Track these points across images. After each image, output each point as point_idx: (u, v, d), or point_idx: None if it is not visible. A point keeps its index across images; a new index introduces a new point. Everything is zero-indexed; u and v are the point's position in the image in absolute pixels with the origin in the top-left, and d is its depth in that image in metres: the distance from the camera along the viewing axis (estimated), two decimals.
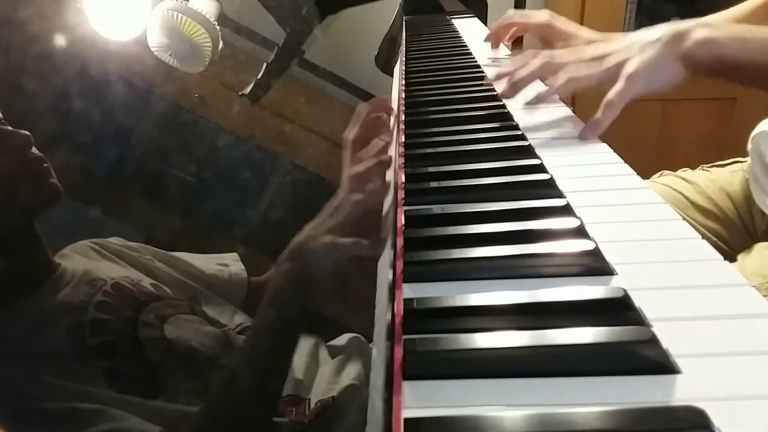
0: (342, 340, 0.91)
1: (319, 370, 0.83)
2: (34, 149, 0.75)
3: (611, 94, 0.58)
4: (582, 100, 1.75)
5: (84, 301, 0.74)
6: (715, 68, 0.57)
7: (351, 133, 0.76)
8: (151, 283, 0.84)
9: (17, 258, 0.75)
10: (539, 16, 0.98)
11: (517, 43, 1.02)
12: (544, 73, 0.66)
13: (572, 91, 0.63)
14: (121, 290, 0.79)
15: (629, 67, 0.58)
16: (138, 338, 0.74)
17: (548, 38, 0.96)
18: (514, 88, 0.68)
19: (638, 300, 0.31)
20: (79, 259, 0.83)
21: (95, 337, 0.71)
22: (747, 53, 0.56)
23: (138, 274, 0.85)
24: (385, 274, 0.41)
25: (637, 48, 0.59)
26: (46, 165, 0.76)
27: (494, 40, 0.99)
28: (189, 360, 0.75)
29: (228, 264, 0.97)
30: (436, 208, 0.44)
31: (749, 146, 0.87)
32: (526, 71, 0.66)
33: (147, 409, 0.66)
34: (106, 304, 0.75)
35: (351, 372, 0.81)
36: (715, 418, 0.24)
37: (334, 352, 0.88)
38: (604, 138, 0.57)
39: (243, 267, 0.98)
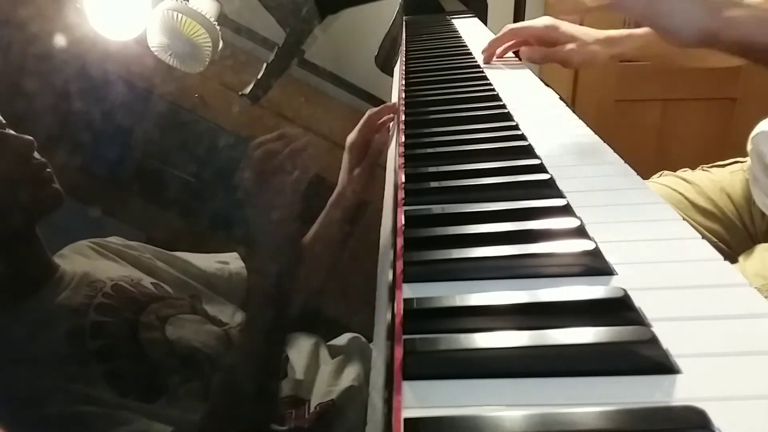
0: (342, 339, 0.91)
1: (319, 371, 0.83)
2: (36, 154, 0.76)
3: None
4: (582, 101, 1.75)
5: (84, 303, 0.74)
6: (732, 47, 0.62)
7: (352, 138, 0.76)
8: (151, 282, 0.84)
9: (16, 262, 0.75)
10: (540, 21, 0.96)
11: (516, 55, 0.99)
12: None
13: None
14: (120, 291, 0.79)
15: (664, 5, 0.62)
16: (139, 340, 0.74)
17: (555, 42, 0.93)
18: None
19: (638, 300, 0.31)
20: (78, 259, 0.83)
21: (96, 340, 0.71)
22: (763, 36, 0.60)
23: (138, 273, 0.85)
24: (385, 274, 0.41)
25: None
26: (48, 170, 0.76)
27: (488, 55, 0.95)
28: (191, 361, 0.75)
29: (228, 262, 0.97)
30: (436, 208, 0.44)
31: (749, 146, 0.87)
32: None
33: (148, 413, 0.66)
34: (106, 306, 0.75)
35: (351, 373, 0.81)
36: (715, 418, 0.24)
37: (334, 351, 0.88)
38: (604, 138, 0.57)
39: (243, 265, 0.97)
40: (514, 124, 0.62)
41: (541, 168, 0.50)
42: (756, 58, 0.64)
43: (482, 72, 0.85)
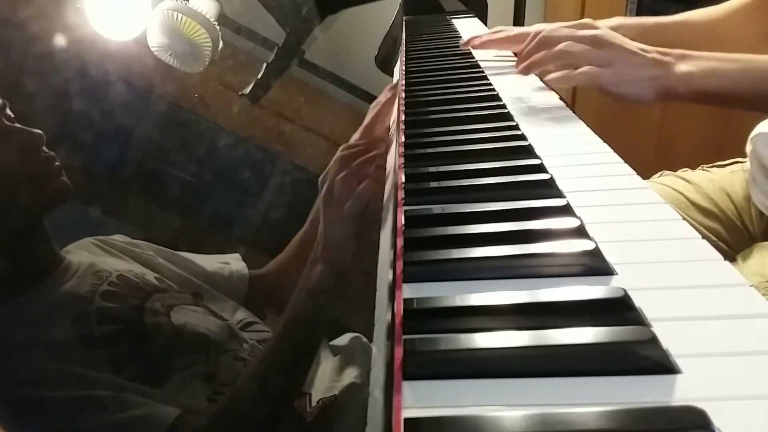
0: (344, 339, 0.91)
1: (321, 367, 0.83)
2: (45, 148, 0.76)
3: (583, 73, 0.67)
4: (582, 100, 1.75)
5: (90, 291, 0.75)
6: (692, 98, 0.65)
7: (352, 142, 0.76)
8: (155, 277, 0.84)
9: (25, 252, 0.75)
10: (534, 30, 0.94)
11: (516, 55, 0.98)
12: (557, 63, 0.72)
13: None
14: (126, 281, 0.79)
15: (608, 71, 0.66)
16: (145, 325, 0.74)
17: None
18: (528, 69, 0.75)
19: (638, 300, 0.31)
20: (83, 254, 0.83)
21: (102, 325, 0.71)
22: (722, 84, 0.63)
23: (141, 269, 0.85)
24: (385, 274, 0.41)
25: (628, 58, 0.66)
26: (57, 164, 0.76)
27: (467, 43, 0.95)
28: (197, 344, 0.75)
29: (229, 262, 0.98)
30: (436, 208, 0.44)
31: (748, 147, 0.87)
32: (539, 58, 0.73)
33: (155, 397, 0.66)
34: (111, 294, 0.76)
35: (353, 371, 0.81)
36: (715, 418, 0.24)
37: (335, 351, 0.89)
38: (604, 138, 0.57)
39: (244, 265, 0.98)
40: (514, 124, 0.62)
41: (541, 168, 0.50)
42: (719, 103, 0.67)
43: (482, 72, 0.85)
